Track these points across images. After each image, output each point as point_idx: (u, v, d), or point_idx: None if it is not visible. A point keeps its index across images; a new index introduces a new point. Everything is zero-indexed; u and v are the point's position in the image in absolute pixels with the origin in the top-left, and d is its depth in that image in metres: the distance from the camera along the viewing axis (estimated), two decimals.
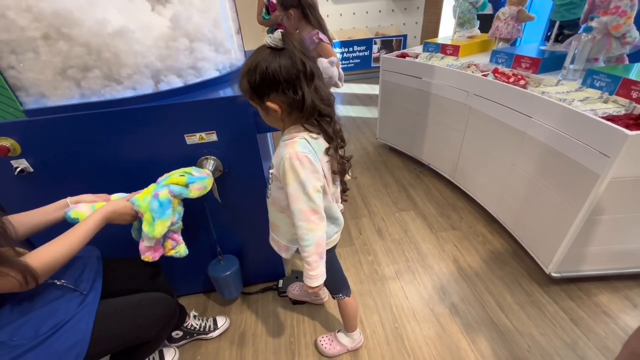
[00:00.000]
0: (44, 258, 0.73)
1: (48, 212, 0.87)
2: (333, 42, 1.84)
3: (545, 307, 1.43)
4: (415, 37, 5.17)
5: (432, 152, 2.37)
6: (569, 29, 2.31)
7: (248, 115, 1.09)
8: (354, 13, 4.86)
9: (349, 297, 1.16)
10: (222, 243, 1.34)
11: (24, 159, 1.02)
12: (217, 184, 1.13)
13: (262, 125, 1.10)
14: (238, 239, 1.42)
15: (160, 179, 0.99)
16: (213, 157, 1.14)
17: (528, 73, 1.76)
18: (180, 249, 1.05)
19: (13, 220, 0.76)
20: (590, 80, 1.49)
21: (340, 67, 1.47)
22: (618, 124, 1.15)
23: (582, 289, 1.49)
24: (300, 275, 1.55)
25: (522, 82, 1.63)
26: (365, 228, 1.96)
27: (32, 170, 1.04)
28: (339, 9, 4.78)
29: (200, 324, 1.35)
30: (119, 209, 0.90)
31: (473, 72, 1.89)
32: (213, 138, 1.11)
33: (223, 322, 1.40)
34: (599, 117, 1.23)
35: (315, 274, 0.86)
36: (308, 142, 0.80)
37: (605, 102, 1.37)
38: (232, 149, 1.15)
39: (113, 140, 1.06)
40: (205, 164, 1.13)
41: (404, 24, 5.05)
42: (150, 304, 0.96)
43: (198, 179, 1.00)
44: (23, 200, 0.92)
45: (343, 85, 1.55)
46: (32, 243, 0.87)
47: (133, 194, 0.97)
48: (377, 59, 4.76)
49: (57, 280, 0.83)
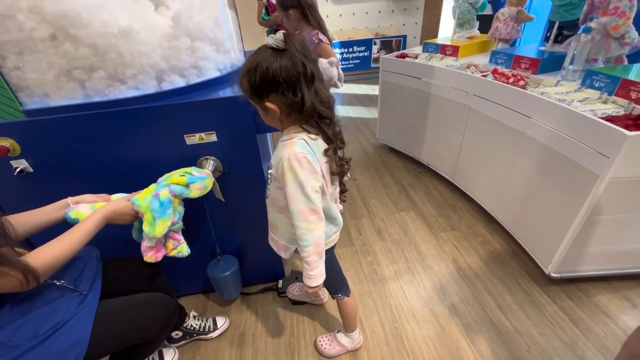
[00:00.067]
0: (44, 258, 0.73)
1: (48, 212, 0.87)
2: (333, 42, 1.84)
3: (545, 307, 1.43)
4: (415, 37, 5.18)
5: (431, 152, 2.37)
6: (568, 30, 2.32)
7: (248, 116, 1.09)
8: (354, 13, 4.87)
9: (348, 297, 1.16)
10: (221, 243, 1.34)
11: (24, 159, 1.02)
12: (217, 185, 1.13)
13: (261, 126, 1.10)
14: (237, 239, 1.42)
15: (161, 179, 1.00)
16: (213, 157, 1.14)
17: (527, 74, 1.76)
18: (183, 249, 1.05)
19: (13, 221, 0.76)
20: (590, 81, 1.49)
21: (340, 67, 1.47)
22: (617, 125, 1.15)
23: (581, 289, 1.50)
24: (300, 276, 1.55)
25: (521, 82, 1.63)
26: (365, 228, 1.96)
27: (31, 171, 1.04)
28: (339, 10, 4.79)
29: (200, 324, 1.35)
30: (120, 209, 0.90)
31: (472, 72, 1.90)
32: (213, 138, 1.11)
33: (223, 322, 1.40)
34: (598, 117, 1.23)
35: (315, 274, 0.86)
36: (307, 142, 0.80)
37: (605, 102, 1.37)
38: (231, 150, 1.15)
39: (113, 141, 1.06)
40: (205, 165, 1.14)
41: (404, 25, 5.06)
42: (150, 304, 0.96)
43: (198, 179, 1.00)
44: (23, 201, 0.92)
45: (343, 86, 1.55)
46: (31, 243, 0.87)
47: (133, 194, 0.97)
48: (376, 60, 4.77)
49: (56, 281, 0.83)
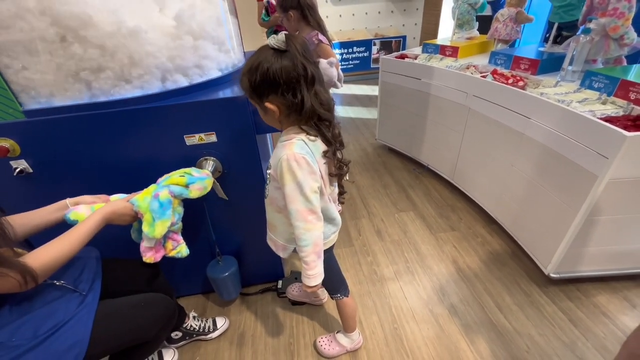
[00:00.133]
0: (43, 258, 0.73)
1: (47, 213, 0.87)
2: (332, 43, 1.84)
3: (544, 307, 1.43)
4: (415, 38, 5.19)
5: (431, 153, 2.37)
6: (568, 31, 2.32)
7: (247, 116, 1.09)
8: (354, 14, 4.87)
9: (348, 297, 1.17)
10: (220, 244, 1.34)
11: (24, 160, 1.02)
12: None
13: (261, 126, 1.11)
14: (237, 240, 1.42)
15: (160, 180, 1.00)
16: (212, 157, 1.14)
17: (527, 74, 1.76)
18: (182, 249, 1.05)
19: (12, 221, 0.76)
20: (589, 82, 1.50)
21: (340, 68, 1.47)
22: (616, 125, 1.15)
23: (580, 290, 1.50)
24: (299, 276, 1.55)
25: (520, 83, 1.63)
26: (365, 229, 1.96)
27: (31, 171, 1.04)
28: (339, 10, 4.80)
29: (200, 325, 1.35)
30: (119, 210, 0.90)
31: (472, 73, 1.90)
32: (212, 139, 1.11)
33: (222, 322, 1.40)
34: (597, 118, 1.23)
35: (314, 274, 0.87)
36: (306, 143, 0.80)
37: (604, 103, 1.38)
38: (231, 150, 1.15)
39: (113, 141, 1.06)
40: (205, 165, 1.14)
41: (403, 25, 5.07)
42: (150, 305, 0.96)
43: (198, 179, 1.00)
44: (22, 201, 0.92)
45: (342, 86, 1.55)
46: (30, 244, 0.87)
47: (133, 195, 0.97)
48: (376, 60, 4.77)
49: (56, 281, 0.83)
